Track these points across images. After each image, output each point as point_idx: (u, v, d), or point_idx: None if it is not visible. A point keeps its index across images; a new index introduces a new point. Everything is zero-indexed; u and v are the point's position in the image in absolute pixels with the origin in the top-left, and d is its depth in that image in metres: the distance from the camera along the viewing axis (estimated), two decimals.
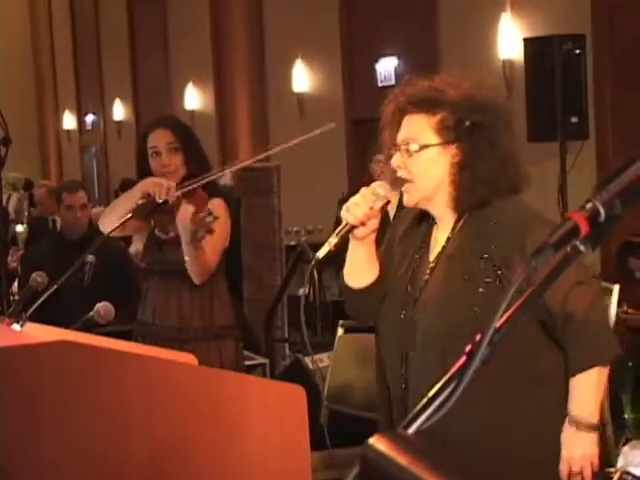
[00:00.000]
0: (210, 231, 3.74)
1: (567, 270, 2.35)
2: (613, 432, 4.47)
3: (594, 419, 2.53)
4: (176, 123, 4.15)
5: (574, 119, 6.79)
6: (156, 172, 3.97)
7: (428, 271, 2.62)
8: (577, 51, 6.80)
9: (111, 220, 3.90)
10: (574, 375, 2.53)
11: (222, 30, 12.13)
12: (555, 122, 6.73)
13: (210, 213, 3.70)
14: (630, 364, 5.28)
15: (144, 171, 4.04)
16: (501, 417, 2.54)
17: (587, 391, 2.52)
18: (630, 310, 5.76)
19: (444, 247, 2.61)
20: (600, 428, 2.56)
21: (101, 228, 4.02)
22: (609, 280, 4.77)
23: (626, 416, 5.21)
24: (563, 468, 2.54)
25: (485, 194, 2.54)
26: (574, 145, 6.94)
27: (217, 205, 3.88)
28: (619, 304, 4.24)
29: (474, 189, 2.53)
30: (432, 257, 2.64)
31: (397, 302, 2.65)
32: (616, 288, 4.19)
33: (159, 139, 3.98)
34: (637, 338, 5.75)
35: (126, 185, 14.05)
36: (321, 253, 2.50)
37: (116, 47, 16.37)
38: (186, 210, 3.72)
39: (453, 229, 2.61)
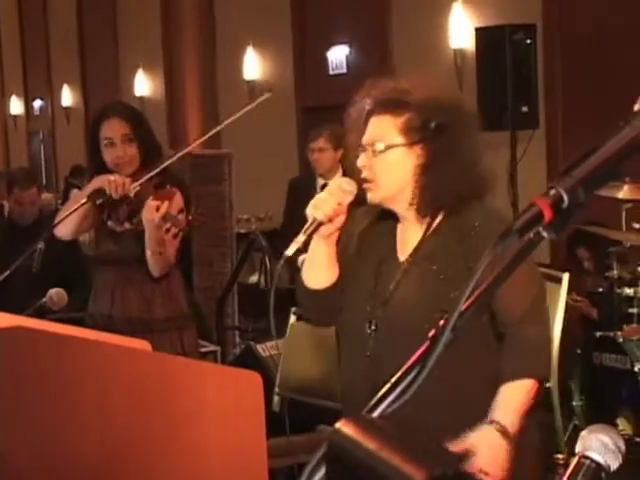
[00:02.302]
0: (182, 229, 3.68)
1: (528, 284, 2.42)
2: (561, 419, 4.54)
3: (513, 429, 2.44)
4: (130, 112, 4.02)
5: (524, 108, 6.86)
6: (111, 163, 3.90)
7: (400, 272, 2.60)
8: (528, 41, 6.87)
9: (67, 227, 3.82)
10: (507, 381, 2.48)
11: (172, 16, 12.02)
12: (505, 111, 6.79)
13: (182, 210, 3.66)
14: (579, 351, 5.34)
15: (96, 160, 3.96)
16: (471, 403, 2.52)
17: (515, 400, 2.47)
18: (578, 298, 5.83)
19: (417, 248, 2.60)
20: (512, 442, 2.45)
21: (58, 235, 3.91)
22: (558, 268, 4.83)
23: (574, 403, 5.27)
24: (477, 463, 2.42)
25: (446, 197, 2.55)
26: (524, 134, 7.01)
27: (177, 198, 3.85)
28: (568, 292, 4.30)
29: (435, 192, 2.54)
30: (403, 257, 2.62)
31: (361, 300, 2.62)
32: (566, 276, 4.24)
33: (113, 129, 3.87)
34: (585, 326, 5.82)
35: (76, 171, 13.93)
36: (290, 251, 2.44)
37: (64, 31, 16.17)
38: (153, 206, 3.65)
39: (426, 230, 2.60)
